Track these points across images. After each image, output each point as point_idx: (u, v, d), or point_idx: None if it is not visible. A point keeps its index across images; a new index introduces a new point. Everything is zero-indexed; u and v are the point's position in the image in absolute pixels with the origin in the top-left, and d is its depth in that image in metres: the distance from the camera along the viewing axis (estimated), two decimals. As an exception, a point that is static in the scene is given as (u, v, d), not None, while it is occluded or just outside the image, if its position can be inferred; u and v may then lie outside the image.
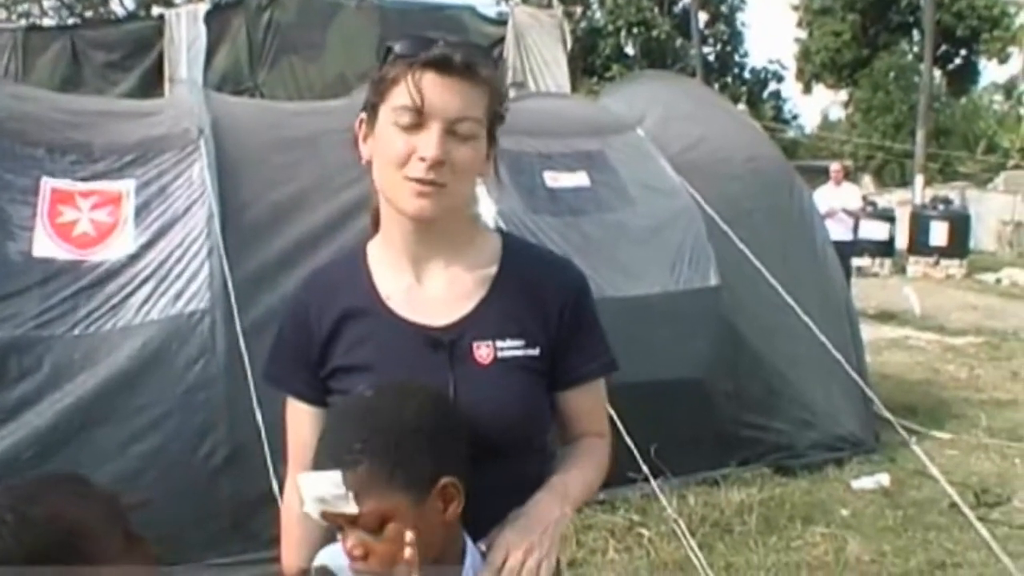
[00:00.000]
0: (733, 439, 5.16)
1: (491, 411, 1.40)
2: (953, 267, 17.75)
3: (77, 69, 9.76)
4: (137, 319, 4.03)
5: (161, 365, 3.98)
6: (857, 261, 14.76)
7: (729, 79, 34.73)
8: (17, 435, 3.74)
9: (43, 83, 8.47)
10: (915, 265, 18.02)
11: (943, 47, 31.60)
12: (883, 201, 21.56)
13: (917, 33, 32.39)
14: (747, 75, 35.81)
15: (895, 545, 4.47)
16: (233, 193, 4.43)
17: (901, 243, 18.70)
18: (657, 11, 31.30)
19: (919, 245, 18.03)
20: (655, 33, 30.49)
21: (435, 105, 1.37)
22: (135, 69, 9.93)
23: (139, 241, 4.19)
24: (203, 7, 10.31)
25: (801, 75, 35.81)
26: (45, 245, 4.07)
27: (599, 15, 31.49)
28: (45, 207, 4.14)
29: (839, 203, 11.12)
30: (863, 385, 5.49)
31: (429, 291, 1.49)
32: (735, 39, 35.37)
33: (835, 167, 11.99)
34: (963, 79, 34.55)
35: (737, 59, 35.73)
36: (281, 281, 4.08)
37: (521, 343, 1.46)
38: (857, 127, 33.19)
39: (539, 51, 10.54)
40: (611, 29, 30.60)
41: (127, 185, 4.32)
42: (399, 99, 1.38)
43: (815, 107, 63.30)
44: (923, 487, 5.13)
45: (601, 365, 1.56)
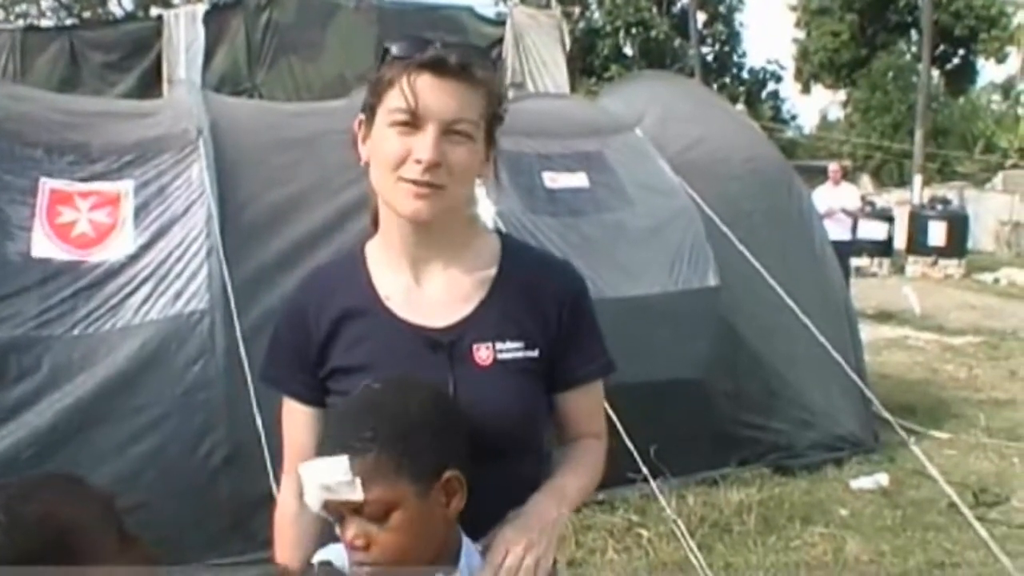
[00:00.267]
0: (732, 439, 5.16)
1: (491, 412, 1.40)
2: (951, 267, 17.75)
3: (75, 70, 9.78)
4: (136, 319, 4.03)
5: (160, 365, 3.98)
6: (856, 261, 14.77)
7: (727, 79, 34.74)
8: (16, 435, 3.74)
9: (41, 84, 8.48)
10: (914, 265, 18.02)
11: (941, 47, 31.58)
12: (881, 201, 21.57)
13: (915, 33, 32.39)
14: (745, 75, 35.81)
15: (894, 545, 4.47)
16: (232, 194, 4.43)
17: (900, 243, 18.71)
18: (655, 11, 31.30)
19: (918, 245, 18.03)
20: (653, 33, 30.48)
21: (430, 107, 1.36)
22: (133, 70, 9.95)
23: (138, 241, 4.19)
24: (201, 8, 10.32)
25: (799, 75, 35.81)
26: (44, 246, 4.07)
27: (597, 15, 31.48)
28: (44, 208, 4.14)
29: (838, 203, 11.13)
30: (862, 385, 5.48)
31: (428, 292, 1.49)
32: (733, 39, 35.38)
33: (833, 167, 12.00)
34: (961, 79, 34.53)
35: (735, 59, 35.74)
36: (280, 281, 4.07)
37: (520, 345, 1.47)
38: (855, 127, 33.17)
39: (538, 51, 10.56)
40: (609, 29, 30.60)
41: (126, 186, 4.31)
42: (395, 101, 1.38)
43: (813, 107, 63.43)
44: (922, 487, 5.13)
45: (599, 367, 1.56)
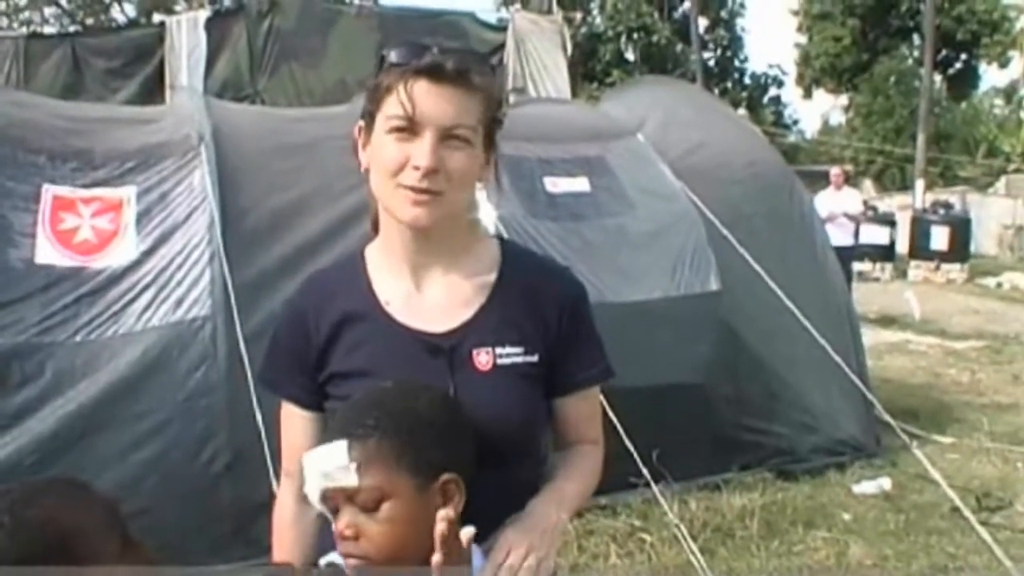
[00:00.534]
0: (734, 443, 5.15)
1: (490, 417, 1.40)
2: (954, 271, 17.75)
3: (78, 76, 9.79)
4: (138, 326, 4.03)
5: (162, 371, 3.99)
6: (858, 265, 14.77)
7: (729, 84, 34.83)
8: (19, 441, 3.74)
9: (44, 90, 8.49)
10: (916, 269, 18.02)
11: (943, 51, 31.61)
12: (884, 205, 21.62)
13: (917, 38, 32.43)
14: (747, 80, 35.88)
15: (897, 549, 4.46)
16: (234, 199, 4.43)
17: (902, 247, 18.72)
18: (657, 16, 31.38)
19: (920, 249, 18.04)
20: (655, 38, 30.56)
21: (427, 113, 1.37)
22: (136, 76, 9.97)
23: (140, 248, 4.20)
24: (203, 14, 10.34)
25: (801, 80, 35.86)
26: (47, 252, 4.07)
27: (599, 21, 31.57)
28: (46, 214, 4.15)
29: (840, 208, 11.12)
30: (864, 389, 5.47)
31: (428, 297, 1.50)
32: (735, 44, 35.46)
33: (835, 172, 11.98)
34: (963, 83, 34.55)
35: (737, 64, 35.83)
36: (282, 287, 4.07)
37: (520, 350, 1.47)
38: (857, 131, 33.21)
39: (539, 57, 10.56)
40: (611, 35, 30.69)
41: (128, 192, 4.32)
42: (393, 108, 1.38)
43: (815, 112, 63.21)
44: (925, 491, 5.12)
45: (598, 372, 1.56)
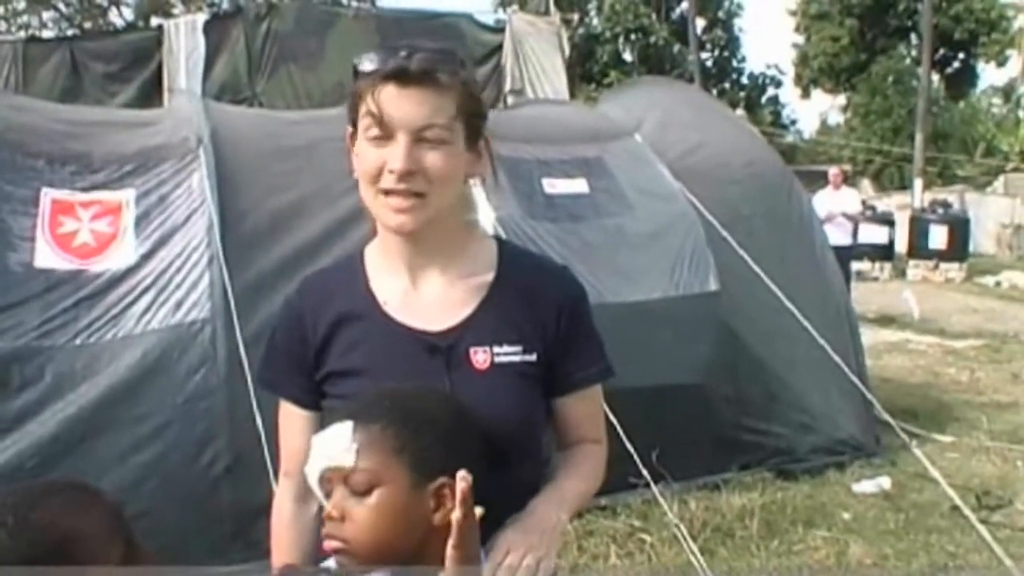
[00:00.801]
0: (734, 443, 5.15)
1: (488, 416, 1.40)
2: (953, 270, 17.76)
3: (76, 80, 9.80)
4: (138, 329, 4.04)
5: (162, 374, 3.99)
6: (857, 265, 14.77)
7: (727, 84, 34.85)
8: (19, 445, 3.75)
9: (43, 94, 8.50)
10: (915, 269, 18.03)
11: (941, 51, 31.63)
12: (882, 205, 21.60)
13: (915, 37, 32.46)
14: (745, 80, 35.90)
15: (897, 548, 4.47)
16: (232, 202, 4.43)
17: (900, 247, 18.72)
18: (655, 17, 31.40)
19: (919, 249, 18.04)
20: (653, 39, 30.57)
21: (396, 117, 1.38)
22: (134, 80, 9.97)
23: (139, 251, 4.20)
24: (201, 17, 10.36)
25: (799, 80, 35.88)
26: (46, 256, 4.08)
27: (597, 22, 31.58)
28: (45, 218, 4.15)
29: (838, 207, 11.12)
30: (863, 389, 5.48)
31: (425, 297, 1.50)
32: (733, 45, 35.46)
33: (834, 171, 11.99)
34: (961, 83, 34.57)
35: (735, 64, 35.84)
36: (281, 289, 4.06)
37: (518, 349, 1.47)
38: (855, 131, 33.20)
39: (537, 58, 10.57)
40: (609, 35, 30.69)
41: (127, 195, 4.32)
42: (366, 115, 1.40)
43: (813, 112, 63.32)
44: (924, 490, 5.12)
45: (597, 372, 1.56)
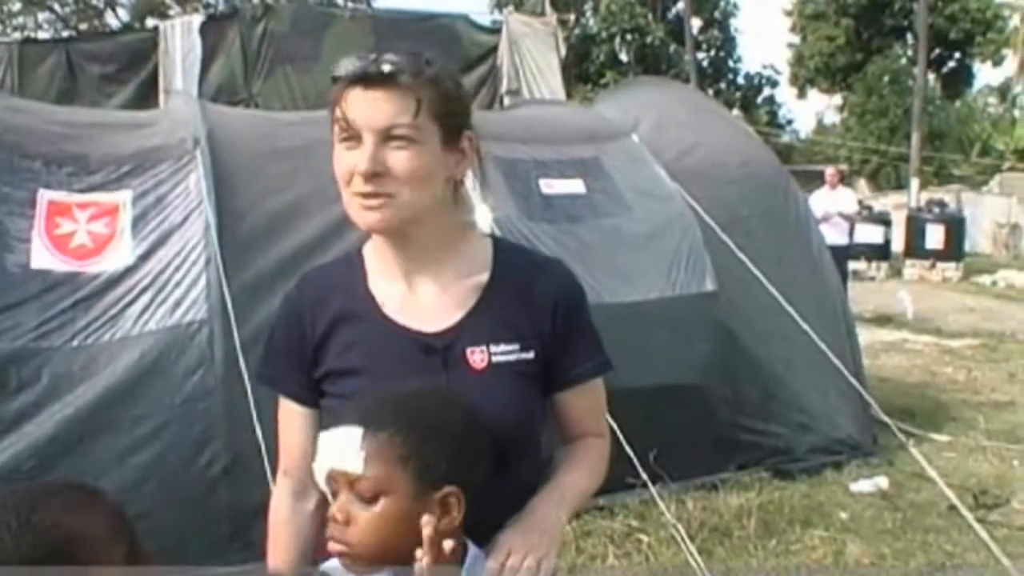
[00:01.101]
0: (731, 443, 5.16)
1: (486, 416, 1.40)
2: (949, 270, 17.78)
3: (73, 81, 9.80)
4: (135, 330, 4.03)
5: (159, 375, 3.98)
6: (853, 265, 14.77)
7: (723, 84, 34.87)
8: (17, 446, 3.74)
9: (39, 96, 8.50)
10: (911, 268, 18.05)
11: (937, 50, 31.72)
12: (878, 205, 21.63)
13: (911, 37, 32.53)
14: (741, 80, 35.93)
15: (894, 548, 4.47)
16: (230, 203, 4.43)
17: (897, 246, 18.75)
18: (651, 17, 31.42)
19: (915, 248, 18.07)
20: (649, 39, 30.59)
21: (360, 120, 1.39)
22: (130, 81, 9.98)
23: (136, 252, 4.19)
24: (197, 19, 10.36)
25: (795, 80, 35.95)
26: (43, 257, 4.07)
27: (593, 22, 31.59)
28: (42, 219, 4.15)
29: (835, 207, 11.13)
30: (860, 388, 5.48)
31: (422, 297, 1.50)
32: (729, 45, 35.48)
33: (830, 171, 11.99)
34: (957, 82, 34.65)
35: (731, 64, 35.86)
36: (278, 290, 4.03)
37: (515, 347, 1.47)
38: (852, 131, 33.26)
39: (533, 58, 10.58)
40: (605, 36, 30.71)
41: (124, 196, 4.32)
42: (338, 120, 1.42)
43: (809, 112, 63.69)
44: (922, 490, 5.13)
45: (595, 366, 1.57)
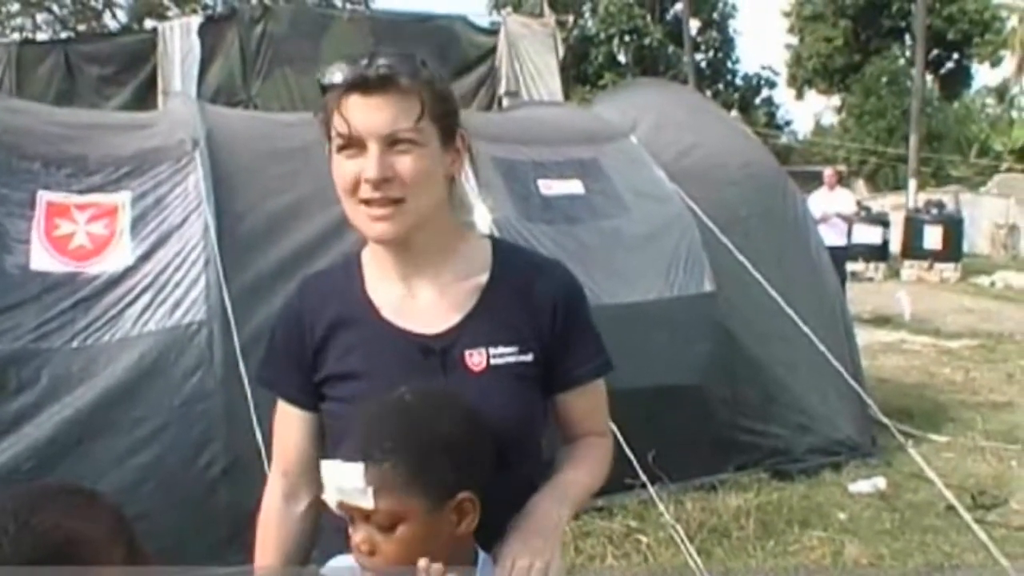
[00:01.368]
0: (730, 444, 5.16)
1: (485, 418, 1.40)
2: (947, 271, 17.81)
3: (71, 83, 9.79)
4: (134, 331, 4.04)
5: (159, 376, 3.98)
6: (851, 266, 14.80)
7: (721, 86, 34.89)
8: (16, 447, 3.74)
9: (38, 97, 8.49)
10: (909, 269, 18.08)
11: (935, 51, 31.74)
12: (877, 205, 21.68)
13: (909, 38, 32.53)
14: (739, 81, 35.95)
15: (893, 548, 4.47)
16: (229, 204, 4.43)
17: (895, 247, 18.78)
18: (649, 19, 31.44)
19: (913, 249, 18.09)
20: (647, 41, 30.59)
21: (363, 126, 1.38)
22: (129, 82, 9.97)
23: (136, 253, 4.20)
24: (196, 20, 10.35)
25: (793, 81, 35.98)
26: (42, 258, 4.07)
27: (591, 23, 31.61)
28: (41, 220, 4.15)
29: (833, 208, 11.13)
30: (859, 389, 5.48)
31: (420, 300, 1.50)
32: (727, 46, 35.51)
33: (829, 172, 12.00)
34: (955, 83, 34.69)
35: (729, 66, 35.89)
36: (278, 291, 4.07)
37: (514, 349, 1.47)
38: (850, 132, 33.30)
39: (532, 60, 10.58)
40: (603, 37, 30.72)
41: (123, 197, 4.32)
42: (335, 128, 1.40)
43: (808, 113, 63.52)
44: (920, 490, 5.13)
45: (596, 366, 1.56)
